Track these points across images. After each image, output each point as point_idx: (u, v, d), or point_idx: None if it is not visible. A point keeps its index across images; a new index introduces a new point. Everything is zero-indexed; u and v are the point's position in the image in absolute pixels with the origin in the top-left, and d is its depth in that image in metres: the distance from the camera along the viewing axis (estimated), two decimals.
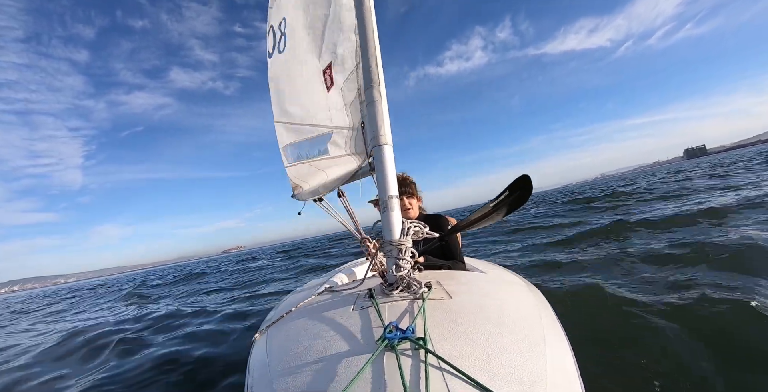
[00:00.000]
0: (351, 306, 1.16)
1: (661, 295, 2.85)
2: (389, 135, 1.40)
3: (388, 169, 1.35)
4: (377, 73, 1.44)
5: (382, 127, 1.39)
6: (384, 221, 1.30)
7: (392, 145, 1.40)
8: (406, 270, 1.20)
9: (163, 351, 3.67)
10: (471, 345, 0.84)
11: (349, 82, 1.70)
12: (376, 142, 1.38)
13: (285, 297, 1.88)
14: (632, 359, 1.97)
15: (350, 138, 1.79)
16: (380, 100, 1.41)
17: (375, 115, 1.40)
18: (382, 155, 1.36)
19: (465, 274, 1.46)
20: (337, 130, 1.84)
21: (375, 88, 1.43)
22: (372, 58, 1.46)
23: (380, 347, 0.83)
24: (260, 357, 1.06)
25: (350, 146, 1.80)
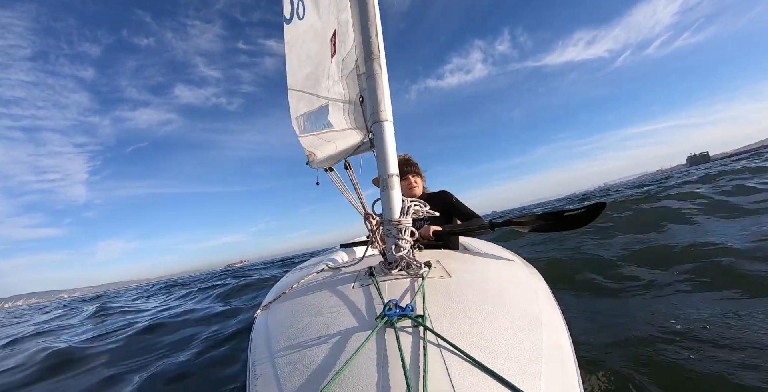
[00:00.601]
0: (351, 283, 1.16)
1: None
2: (390, 111, 1.35)
3: (388, 146, 1.31)
4: (377, 45, 1.37)
5: (382, 102, 1.33)
6: (383, 200, 1.28)
7: (393, 121, 1.35)
8: (405, 250, 1.19)
9: (171, 329, 3.71)
10: (469, 323, 0.85)
11: (350, 53, 1.62)
12: (376, 117, 1.33)
13: (286, 275, 1.89)
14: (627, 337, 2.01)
15: (349, 111, 1.74)
16: (380, 74, 1.35)
17: (375, 90, 1.35)
18: (382, 132, 1.32)
19: (464, 254, 1.46)
20: (332, 102, 1.78)
21: (375, 61, 1.36)
22: (372, 27, 1.38)
23: (380, 324, 0.84)
24: (262, 333, 1.07)
25: (351, 120, 1.74)
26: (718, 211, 5.35)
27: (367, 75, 1.38)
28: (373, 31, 1.38)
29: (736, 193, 6.59)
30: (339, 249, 2.42)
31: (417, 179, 2.02)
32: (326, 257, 2.19)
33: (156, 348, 3.55)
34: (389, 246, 1.23)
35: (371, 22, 1.39)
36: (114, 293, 28.94)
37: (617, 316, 2.31)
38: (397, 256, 1.19)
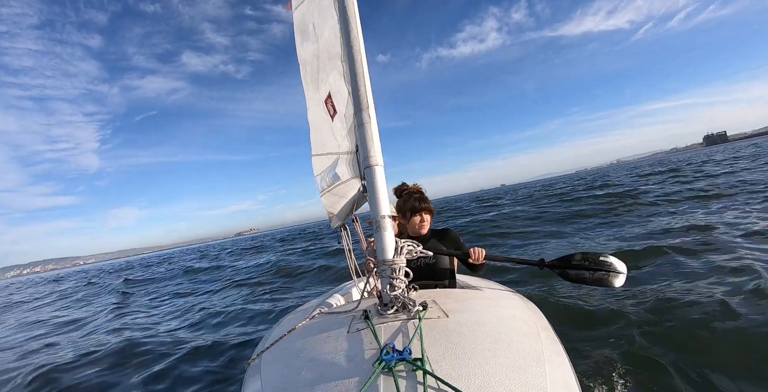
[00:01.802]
0: (346, 328, 1.15)
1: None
2: (380, 156, 1.43)
3: (379, 189, 1.37)
4: (366, 97, 1.49)
5: (372, 149, 1.42)
6: (377, 241, 1.31)
7: (383, 165, 1.43)
8: (400, 290, 1.20)
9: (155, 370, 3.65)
10: (470, 365, 0.84)
11: (348, 108, 1.76)
12: (367, 163, 1.41)
13: (279, 321, 1.86)
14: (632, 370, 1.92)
15: (349, 161, 1.86)
16: (370, 123, 1.45)
17: (365, 138, 1.44)
18: (373, 176, 1.39)
19: (460, 292, 1.45)
20: (342, 155, 1.90)
21: (365, 111, 1.47)
22: (361, 82, 1.51)
23: (377, 369, 0.83)
24: (254, 383, 1.06)
25: (351, 169, 1.85)
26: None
27: (357, 124, 1.48)
28: (362, 85, 1.50)
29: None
30: (335, 292, 2.39)
31: (429, 216, 1.99)
32: (321, 301, 2.17)
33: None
34: (383, 286, 1.24)
35: (359, 76, 1.52)
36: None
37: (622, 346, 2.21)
38: (392, 296, 1.19)
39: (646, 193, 10.86)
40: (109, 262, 48.39)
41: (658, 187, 12.35)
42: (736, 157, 21.12)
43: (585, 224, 8.18)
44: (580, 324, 2.66)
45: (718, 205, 7.22)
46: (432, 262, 1.82)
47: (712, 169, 16.01)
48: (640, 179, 15.85)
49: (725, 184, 9.82)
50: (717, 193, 8.72)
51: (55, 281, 27.25)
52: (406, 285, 1.23)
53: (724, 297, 2.61)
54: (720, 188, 9.31)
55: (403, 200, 1.96)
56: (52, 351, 4.68)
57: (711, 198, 8.34)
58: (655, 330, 2.30)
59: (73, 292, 13.91)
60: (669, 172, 17.07)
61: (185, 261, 19.66)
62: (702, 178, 12.85)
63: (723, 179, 11.08)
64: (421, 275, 1.78)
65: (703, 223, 5.64)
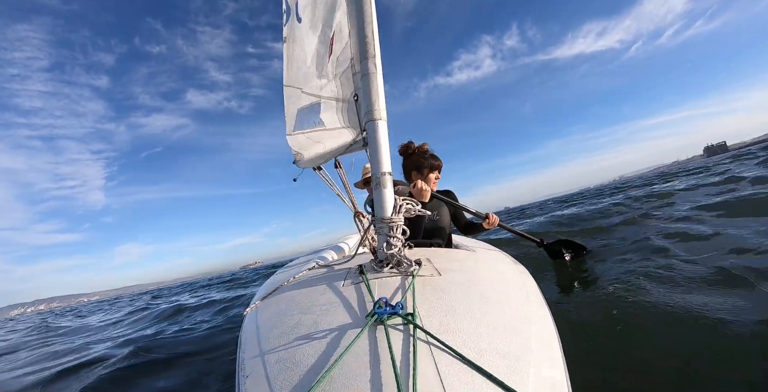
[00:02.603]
0: (341, 281, 1.17)
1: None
2: (384, 110, 1.35)
3: (381, 145, 1.32)
4: (373, 44, 1.37)
5: (377, 101, 1.34)
6: (376, 198, 1.28)
7: (387, 120, 1.36)
8: (397, 248, 1.20)
9: (156, 327, 3.69)
10: (458, 322, 0.86)
11: (344, 51, 1.62)
12: (371, 116, 1.34)
13: (276, 273, 1.88)
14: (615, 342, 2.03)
15: (342, 110, 1.74)
16: (375, 73, 1.36)
17: (370, 89, 1.35)
18: (376, 130, 1.32)
19: (454, 252, 1.47)
20: (324, 100, 1.77)
21: (370, 60, 1.36)
22: (368, 26, 1.39)
23: (370, 321, 0.84)
24: (251, 331, 1.07)
25: (344, 118, 1.74)
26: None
27: (362, 74, 1.38)
28: (369, 30, 1.38)
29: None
30: (329, 248, 2.42)
31: (439, 175, 1.99)
32: (317, 255, 2.19)
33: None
34: (380, 244, 1.24)
35: (367, 21, 1.39)
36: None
37: (608, 312, 2.33)
38: (388, 254, 1.19)
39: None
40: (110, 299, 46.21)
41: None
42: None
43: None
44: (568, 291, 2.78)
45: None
46: (436, 219, 1.84)
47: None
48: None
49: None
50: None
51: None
52: (402, 243, 1.23)
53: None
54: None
55: (416, 157, 1.92)
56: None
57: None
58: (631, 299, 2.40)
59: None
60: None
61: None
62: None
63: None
64: (423, 232, 1.80)
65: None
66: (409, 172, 1.94)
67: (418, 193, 1.81)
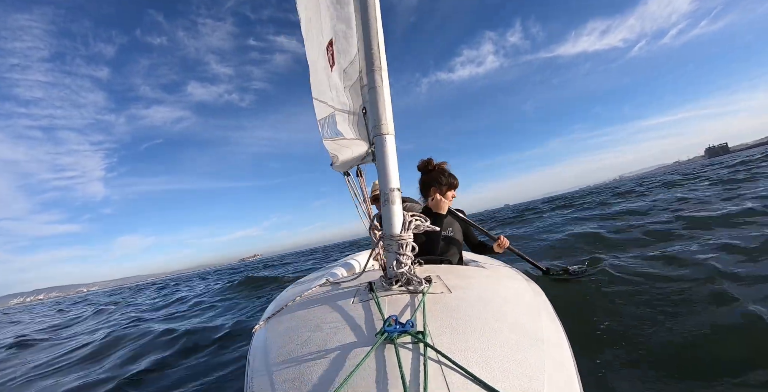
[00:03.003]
0: (351, 298, 1.16)
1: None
2: (391, 124, 1.33)
3: (389, 160, 1.30)
4: (379, 57, 1.36)
5: (384, 116, 1.32)
6: (384, 214, 1.27)
7: (394, 134, 1.34)
8: (406, 266, 1.18)
9: (163, 340, 3.75)
10: (470, 340, 0.84)
11: (352, 64, 1.61)
12: (378, 131, 1.32)
13: (285, 289, 1.89)
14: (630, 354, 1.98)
15: (353, 122, 1.74)
16: (382, 86, 1.34)
17: (377, 103, 1.33)
18: (383, 145, 1.31)
19: (465, 269, 1.44)
20: (339, 112, 1.78)
21: (377, 73, 1.35)
22: (374, 40, 1.37)
23: (380, 340, 0.83)
24: (260, 348, 1.07)
25: (355, 130, 1.75)
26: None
27: (369, 87, 1.37)
28: (375, 43, 1.37)
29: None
30: (339, 265, 2.42)
31: (455, 193, 1.99)
32: (327, 271, 2.19)
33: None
34: (390, 262, 1.22)
35: (373, 34, 1.37)
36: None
37: (625, 330, 2.27)
38: (397, 272, 1.18)
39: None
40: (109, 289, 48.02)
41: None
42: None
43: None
44: (580, 310, 2.72)
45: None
46: (451, 235, 1.84)
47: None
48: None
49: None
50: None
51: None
52: (411, 260, 1.22)
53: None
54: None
55: (437, 174, 1.94)
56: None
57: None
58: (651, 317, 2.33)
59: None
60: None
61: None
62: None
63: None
64: (437, 248, 1.80)
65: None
66: (427, 188, 1.95)
67: (436, 205, 1.82)
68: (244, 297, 7.64)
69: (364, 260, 2.63)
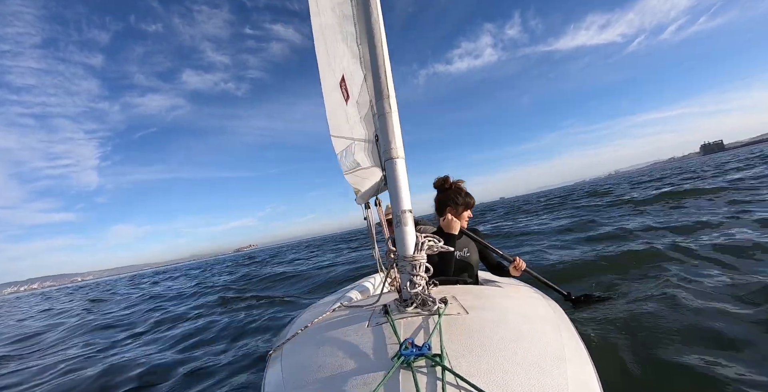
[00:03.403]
0: (366, 322, 1.16)
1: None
2: (401, 148, 1.38)
3: (400, 183, 1.34)
4: (386, 85, 1.42)
5: (393, 141, 1.37)
6: (397, 236, 1.29)
7: (405, 158, 1.38)
8: (420, 287, 1.19)
9: (174, 367, 3.73)
10: (489, 362, 0.83)
11: (362, 95, 1.69)
12: (388, 155, 1.37)
13: (299, 314, 1.91)
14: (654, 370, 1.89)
15: (368, 150, 1.81)
16: (390, 113, 1.40)
17: (386, 128, 1.39)
18: (394, 169, 1.35)
19: (481, 289, 1.43)
20: (356, 142, 1.86)
21: (385, 100, 1.41)
22: (381, 69, 1.44)
23: (396, 364, 0.83)
24: (275, 374, 1.08)
25: (371, 158, 1.81)
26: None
27: (378, 114, 1.43)
28: (382, 72, 1.44)
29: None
30: (354, 288, 2.43)
31: (470, 213, 2.00)
32: (341, 295, 2.20)
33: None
34: (404, 283, 1.24)
35: (380, 63, 1.44)
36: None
37: (649, 348, 2.17)
38: (412, 293, 1.19)
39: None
40: (104, 279, 48.49)
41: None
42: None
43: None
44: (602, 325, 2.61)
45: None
46: (466, 256, 1.85)
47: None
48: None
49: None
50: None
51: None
52: (426, 281, 1.22)
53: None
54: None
55: (453, 193, 1.95)
56: None
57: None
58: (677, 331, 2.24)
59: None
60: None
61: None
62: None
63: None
64: (452, 269, 1.80)
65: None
66: (443, 207, 1.96)
67: (447, 225, 1.83)
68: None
69: (377, 282, 2.63)
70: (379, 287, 1.46)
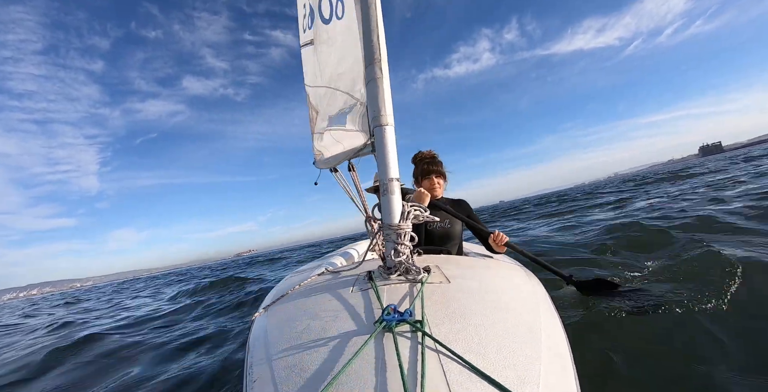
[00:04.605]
0: (350, 287, 1.17)
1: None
2: (391, 115, 1.35)
3: (388, 151, 1.31)
4: (378, 49, 1.37)
5: (383, 107, 1.33)
6: (383, 204, 1.28)
7: (394, 125, 1.35)
8: (405, 255, 1.19)
9: (164, 331, 3.66)
10: (467, 329, 0.86)
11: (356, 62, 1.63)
12: (377, 122, 1.33)
13: (284, 278, 1.90)
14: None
15: (359, 113, 1.75)
16: (381, 78, 1.35)
17: (376, 94, 1.34)
18: (383, 136, 1.32)
19: (464, 259, 1.46)
20: (359, 103, 1.78)
21: (376, 65, 1.36)
22: (373, 32, 1.38)
23: (378, 328, 0.84)
24: (259, 336, 1.08)
25: (358, 122, 1.76)
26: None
27: (368, 79, 1.38)
28: (374, 35, 1.38)
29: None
30: (338, 254, 2.42)
31: (440, 180, 1.98)
32: (325, 260, 2.19)
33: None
34: (388, 251, 1.23)
35: (373, 25, 1.38)
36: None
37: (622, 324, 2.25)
38: (396, 261, 1.19)
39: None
40: (104, 284, 46.23)
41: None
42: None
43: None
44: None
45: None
46: (448, 227, 1.85)
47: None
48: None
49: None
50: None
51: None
52: (410, 250, 1.23)
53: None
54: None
55: (419, 163, 1.95)
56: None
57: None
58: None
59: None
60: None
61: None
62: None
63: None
64: (434, 239, 1.81)
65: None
66: (416, 179, 1.97)
67: (417, 198, 1.82)
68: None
69: (362, 250, 2.64)
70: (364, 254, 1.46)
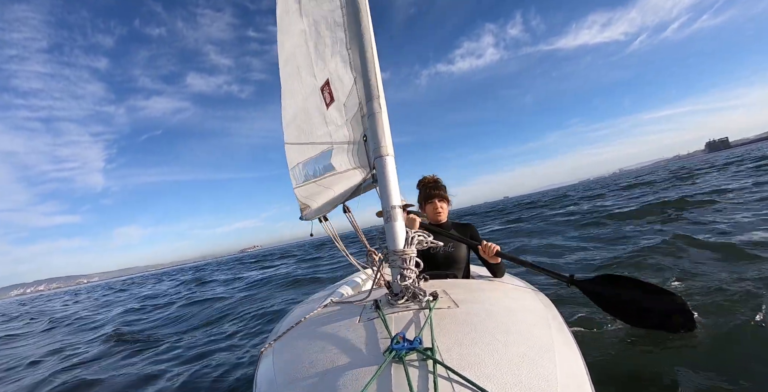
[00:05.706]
0: (357, 317, 1.16)
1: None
2: (391, 146, 1.42)
3: (390, 180, 1.37)
4: (377, 86, 1.47)
5: (383, 139, 1.41)
6: (387, 231, 1.31)
7: (394, 155, 1.42)
8: (411, 280, 1.20)
9: (168, 366, 3.61)
10: (479, 354, 0.84)
11: (351, 98, 1.74)
12: (378, 153, 1.40)
13: (290, 310, 1.89)
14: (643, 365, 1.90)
15: (353, 152, 1.84)
16: (380, 113, 1.44)
17: (376, 127, 1.43)
18: (384, 166, 1.38)
19: (471, 282, 1.45)
20: (337, 145, 1.88)
21: (375, 101, 1.45)
22: (371, 71, 1.49)
23: (387, 358, 0.83)
24: (267, 371, 1.07)
25: (354, 160, 1.84)
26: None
27: (368, 114, 1.47)
28: (372, 74, 1.48)
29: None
30: (344, 284, 2.42)
31: (444, 204, 2.02)
32: (331, 291, 2.18)
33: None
34: (394, 277, 1.25)
35: (370, 65, 1.49)
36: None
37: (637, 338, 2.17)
38: (402, 286, 1.19)
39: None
40: (108, 280, 46.62)
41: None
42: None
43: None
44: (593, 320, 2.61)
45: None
46: (451, 251, 1.85)
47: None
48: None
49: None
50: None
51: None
52: (416, 275, 1.23)
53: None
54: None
55: (421, 189, 2.01)
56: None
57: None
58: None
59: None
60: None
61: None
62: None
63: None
64: (438, 264, 1.82)
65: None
66: (420, 204, 2.03)
67: (408, 224, 1.84)
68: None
69: (367, 279, 2.62)
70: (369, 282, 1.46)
